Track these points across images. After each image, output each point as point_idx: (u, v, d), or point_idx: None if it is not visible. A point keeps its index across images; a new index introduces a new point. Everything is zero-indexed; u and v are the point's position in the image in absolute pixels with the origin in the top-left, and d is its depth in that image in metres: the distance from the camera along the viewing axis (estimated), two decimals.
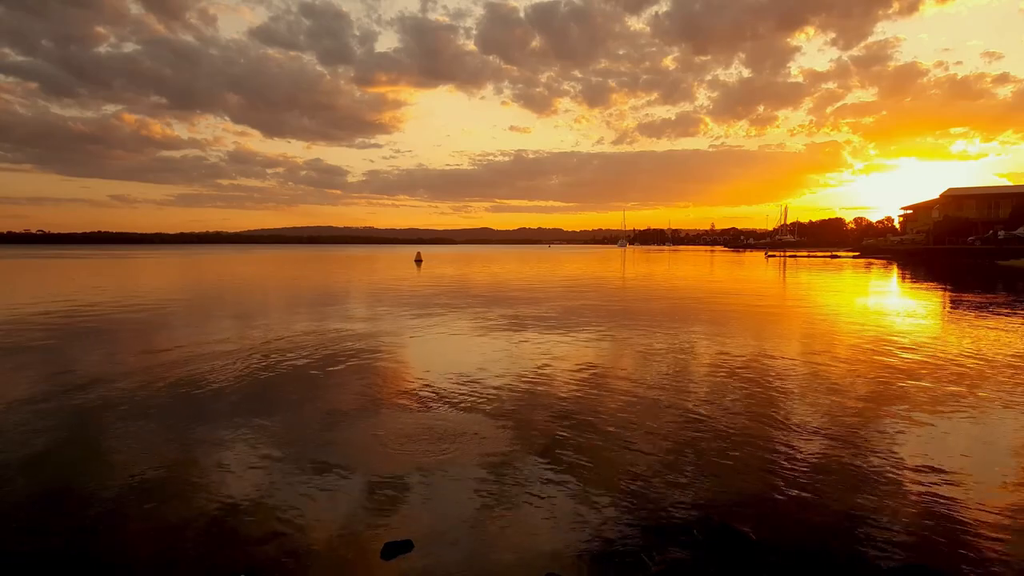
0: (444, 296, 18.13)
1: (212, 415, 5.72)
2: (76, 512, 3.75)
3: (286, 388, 6.76)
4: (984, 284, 22.28)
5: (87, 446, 4.94)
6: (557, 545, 3.33)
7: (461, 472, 4.32)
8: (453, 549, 3.30)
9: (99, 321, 12.35)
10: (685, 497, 3.91)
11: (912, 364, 7.89)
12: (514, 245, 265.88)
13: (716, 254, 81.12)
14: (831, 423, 5.42)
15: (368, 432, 5.21)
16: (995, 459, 4.59)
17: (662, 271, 35.13)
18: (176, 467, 4.46)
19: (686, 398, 6.27)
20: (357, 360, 8.30)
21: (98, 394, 6.47)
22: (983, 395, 6.34)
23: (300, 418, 5.63)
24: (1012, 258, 35.98)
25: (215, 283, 24.29)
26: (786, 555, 3.24)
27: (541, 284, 23.68)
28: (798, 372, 7.48)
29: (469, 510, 3.75)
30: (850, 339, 9.98)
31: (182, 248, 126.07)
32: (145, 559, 3.24)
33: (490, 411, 5.80)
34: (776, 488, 4.05)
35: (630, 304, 16.18)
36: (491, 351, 9.00)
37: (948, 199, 57.32)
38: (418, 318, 12.77)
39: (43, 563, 3.22)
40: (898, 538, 3.40)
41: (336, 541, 3.39)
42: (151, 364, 8.04)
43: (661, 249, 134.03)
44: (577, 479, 4.20)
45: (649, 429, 5.26)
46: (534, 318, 12.81)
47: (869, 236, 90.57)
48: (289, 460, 4.57)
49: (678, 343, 9.64)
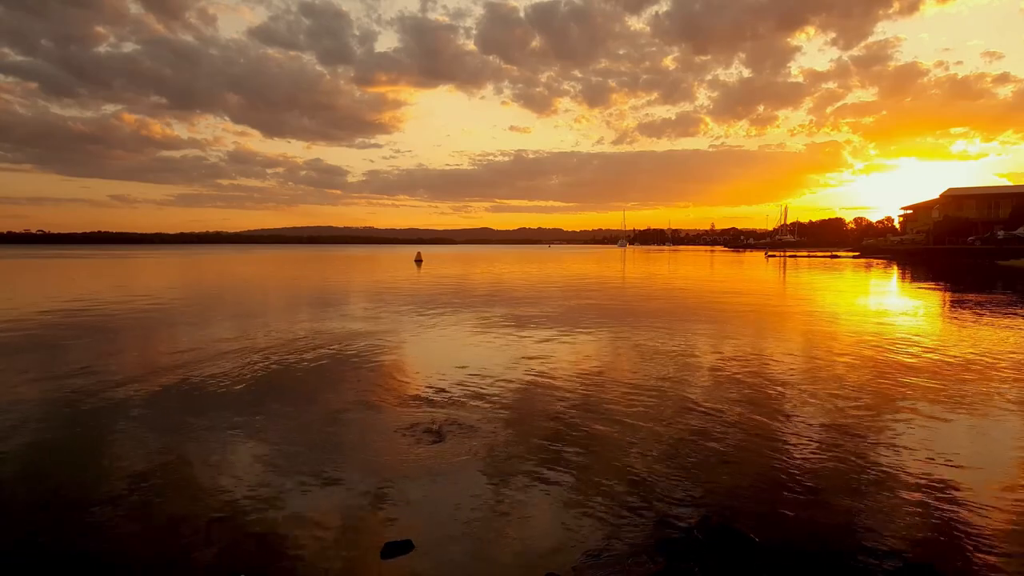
0: (444, 296, 18.13)
1: (212, 414, 5.72)
2: (76, 511, 3.75)
3: (286, 388, 6.75)
4: (984, 284, 22.27)
5: (88, 444, 4.94)
6: (557, 545, 3.33)
7: (461, 472, 4.32)
8: (453, 549, 3.30)
9: (103, 320, 12.34)
10: (685, 497, 3.91)
11: (912, 364, 7.89)
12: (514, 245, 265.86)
13: (716, 254, 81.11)
14: (832, 423, 5.42)
15: (368, 432, 5.21)
16: (996, 459, 4.58)
17: (662, 271, 35.13)
18: (176, 466, 4.46)
19: (686, 398, 6.27)
20: (356, 360, 8.30)
21: (100, 392, 6.46)
22: (984, 395, 6.34)
23: (300, 418, 5.63)
24: (1012, 258, 35.98)
25: (217, 283, 24.29)
26: (787, 555, 3.23)
27: (541, 284, 23.68)
28: (798, 372, 7.48)
29: (469, 510, 3.74)
30: (850, 339, 9.97)
31: (182, 248, 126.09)
32: (145, 558, 3.24)
33: (490, 411, 5.80)
34: (776, 488, 4.04)
35: (631, 304, 16.18)
36: (491, 351, 9.00)
37: (948, 199, 57.29)
38: (418, 318, 12.77)
39: (43, 563, 3.22)
40: (899, 538, 3.39)
41: (336, 541, 3.39)
42: (153, 362, 8.04)
43: (661, 249, 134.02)
44: (577, 479, 4.20)
45: (649, 429, 5.26)
46: (534, 318, 12.81)
47: (869, 236, 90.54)
48: (289, 460, 4.57)
49: (678, 343, 9.63)
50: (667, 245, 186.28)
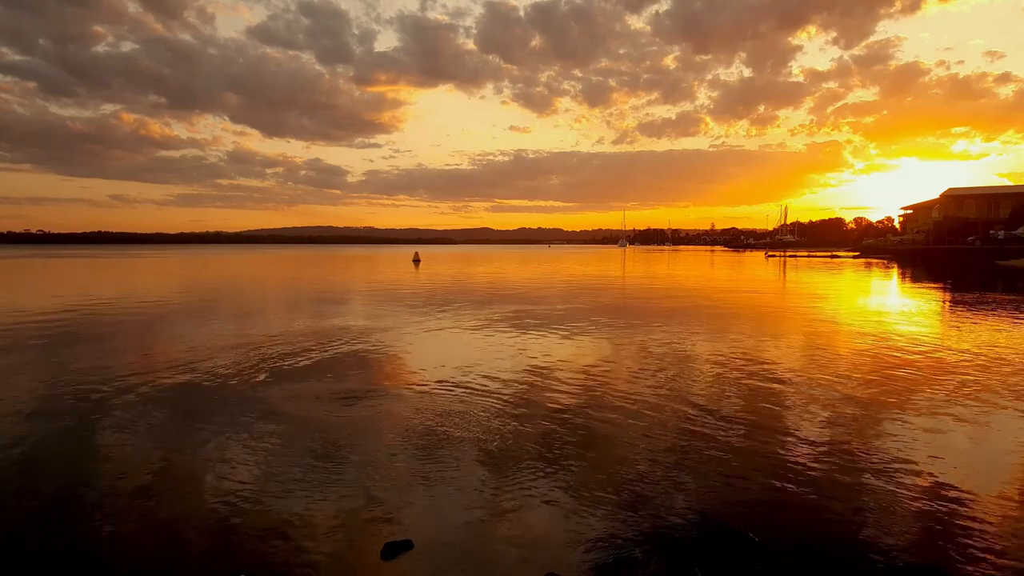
0: (440, 296, 18.13)
1: (213, 412, 5.72)
2: (76, 511, 3.76)
3: (286, 387, 6.75)
4: (984, 284, 22.27)
5: (88, 443, 4.94)
6: (557, 545, 3.33)
7: (461, 472, 4.33)
8: (453, 549, 3.30)
9: (103, 319, 12.35)
10: (686, 497, 3.92)
11: (913, 363, 7.89)
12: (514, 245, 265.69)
13: (716, 254, 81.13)
14: (832, 422, 5.43)
15: (368, 431, 5.21)
16: (996, 459, 4.59)
17: (663, 271, 35.13)
18: (176, 465, 4.47)
19: (687, 397, 6.27)
20: (356, 359, 8.30)
21: (100, 391, 6.46)
22: (984, 394, 6.34)
23: (300, 417, 5.62)
24: (1012, 258, 36.01)
25: (217, 282, 24.28)
26: (787, 555, 3.24)
27: (541, 284, 23.67)
28: (798, 372, 7.48)
29: (469, 510, 3.75)
30: (850, 339, 9.98)
31: (182, 248, 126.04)
32: (145, 558, 3.25)
33: (490, 410, 5.80)
34: (776, 488, 4.05)
35: (631, 303, 16.18)
36: (491, 350, 9.00)
37: (948, 199, 57.28)
38: (415, 318, 12.77)
39: (43, 562, 3.23)
40: (899, 538, 3.40)
41: (336, 541, 3.39)
42: (152, 361, 8.04)
43: (661, 249, 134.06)
44: (577, 479, 4.20)
45: (650, 429, 5.26)
46: (534, 317, 12.80)
47: (869, 236, 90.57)
48: (289, 459, 4.57)
49: (679, 342, 9.63)
50: (667, 245, 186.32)
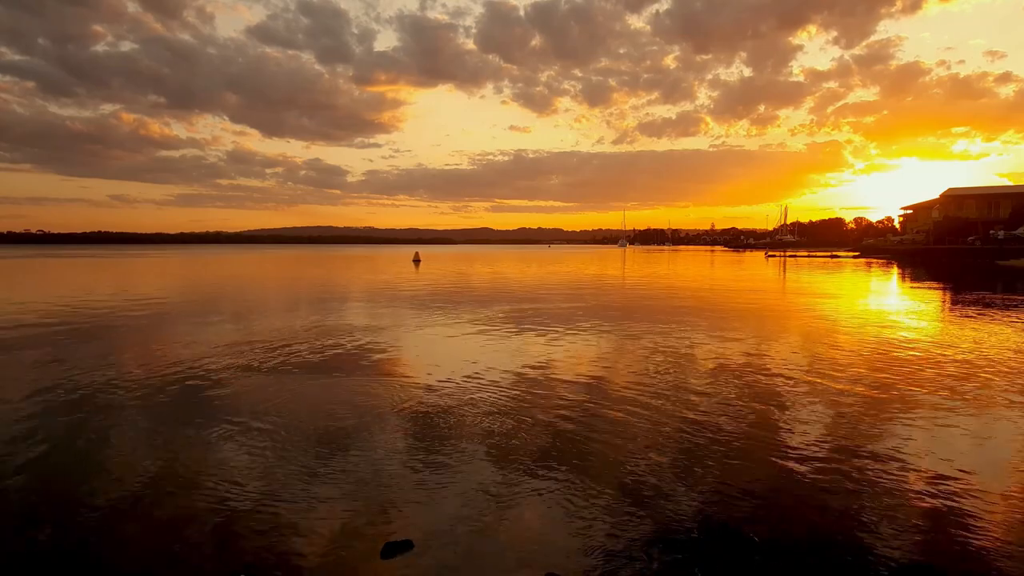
0: (441, 296, 18.13)
1: (213, 412, 5.72)
2: (76, 511, 3.76)
3: (286, 387, 6.75)
4: (984, 284, 22.27)
5: (88, 443, 4.93)
6: (557, 545, 3.33)
7: (462, 471, 4.33)
8: (453, 549, 3.30)
9: (104, 319, 12.34)
10: (686, 497, 3.92)
11: (913, 363, 7.89)
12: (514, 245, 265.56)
13: (716, 254, 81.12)
14: (832, 422, 5.43)
15: (368, 431, 5.21)
16: (997, 459, 4.59)
17: (663, 271, 35.12)
18: (176, 465, 4.46)
19: (687, 397, 6.27)
20: (356, 360, 8.30)
21: (101, 390, 6.46)
22: (984, 394, 6.34)
23: (300, 417, 5.63)
24: (1012, 258, 36.01)
25: (218, 282, 24.28)
26: (787, 555, 3.24)
27: (541, 284, 23.68)
28: (799, 371, 7.48)
29: (469, 510, 3.75)
30: (850, 338, 9.97)
31: (183, 248, 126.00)
32: (145, 558, 3.25)
33: (490, 410, 5.80)
34: (777, 488, 4.05)
35: (631, 303, 16.17)
36: (491, 350, 8.99)
37: (948, 199, 57.27)
38: (416, 318, 12.77)
39: (43, 562, 3.23)
40: (900, 538, 3.39)
41: (336, 541, 3.39)
42: (152, 360, 8.03)
43: (661, 249, 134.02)
44: (578, 478, 4.20)
45: (650, 428, 5.26)
46: (534, 316, 12.80)
47: (869, 236, 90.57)
48: (289, 459, 4.57)
49: (679, 342, 9.63)
50: (667, 245, 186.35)
